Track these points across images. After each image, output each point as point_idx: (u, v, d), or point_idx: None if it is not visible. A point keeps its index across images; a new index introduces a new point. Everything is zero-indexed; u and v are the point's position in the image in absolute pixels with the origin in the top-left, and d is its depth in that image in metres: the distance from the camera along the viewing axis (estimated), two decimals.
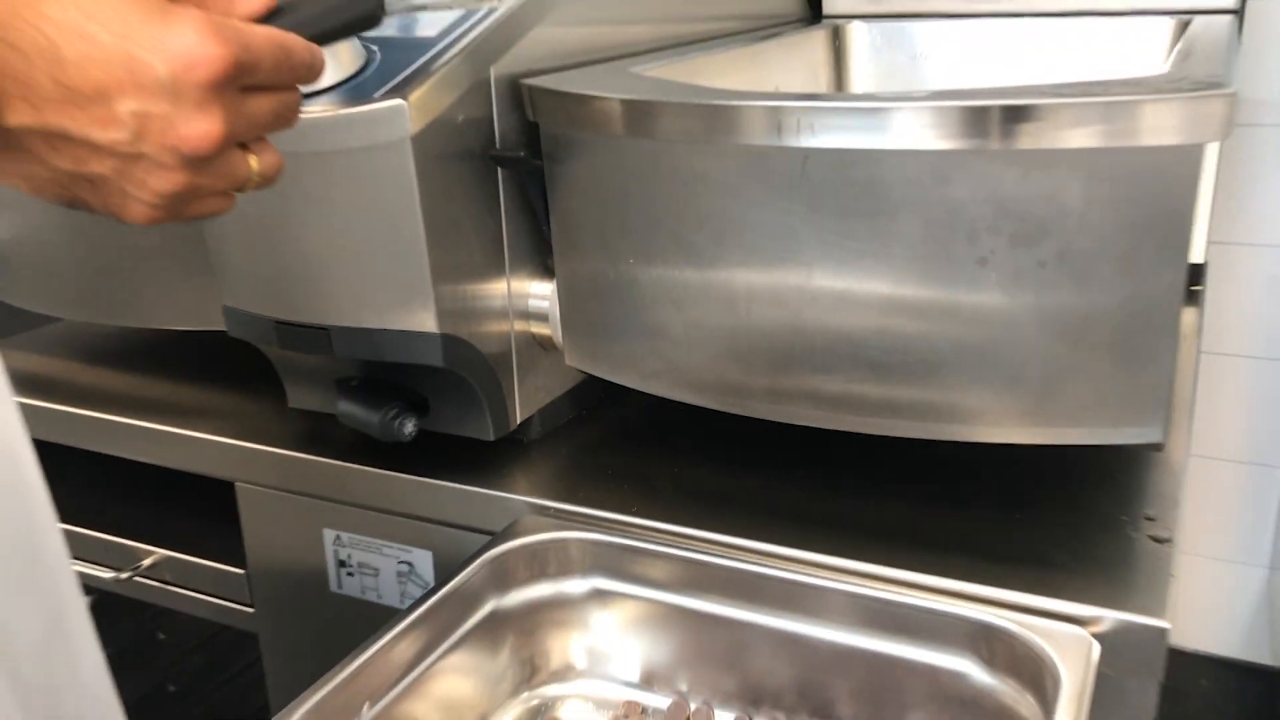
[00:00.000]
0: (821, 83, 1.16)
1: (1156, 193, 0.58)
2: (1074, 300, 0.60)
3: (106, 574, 0.97)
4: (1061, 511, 0.72)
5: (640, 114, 0.64)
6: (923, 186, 0.60)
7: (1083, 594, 0.63)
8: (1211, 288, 1.54)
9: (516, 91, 0.74)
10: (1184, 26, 1.04)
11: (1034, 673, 0.59)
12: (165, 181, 0.47)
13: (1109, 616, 0.61)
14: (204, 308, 0.88)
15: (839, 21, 1.19)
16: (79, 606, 0.66)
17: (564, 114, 0.69)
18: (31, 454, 0.64)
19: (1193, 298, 1.14)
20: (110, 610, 1.17)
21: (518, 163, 0.72)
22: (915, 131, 0.58)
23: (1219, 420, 1.61)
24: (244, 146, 0.49)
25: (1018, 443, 0.65)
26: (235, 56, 0.45)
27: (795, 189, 0.62)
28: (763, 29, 1.15)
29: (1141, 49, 1.04)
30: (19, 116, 0.44)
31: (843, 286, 0.64)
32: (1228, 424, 1.61)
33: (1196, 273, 1.17)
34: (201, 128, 0.46)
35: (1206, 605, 1.72)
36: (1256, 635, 1.70)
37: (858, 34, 1.18)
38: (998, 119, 0.57)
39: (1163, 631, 0.61)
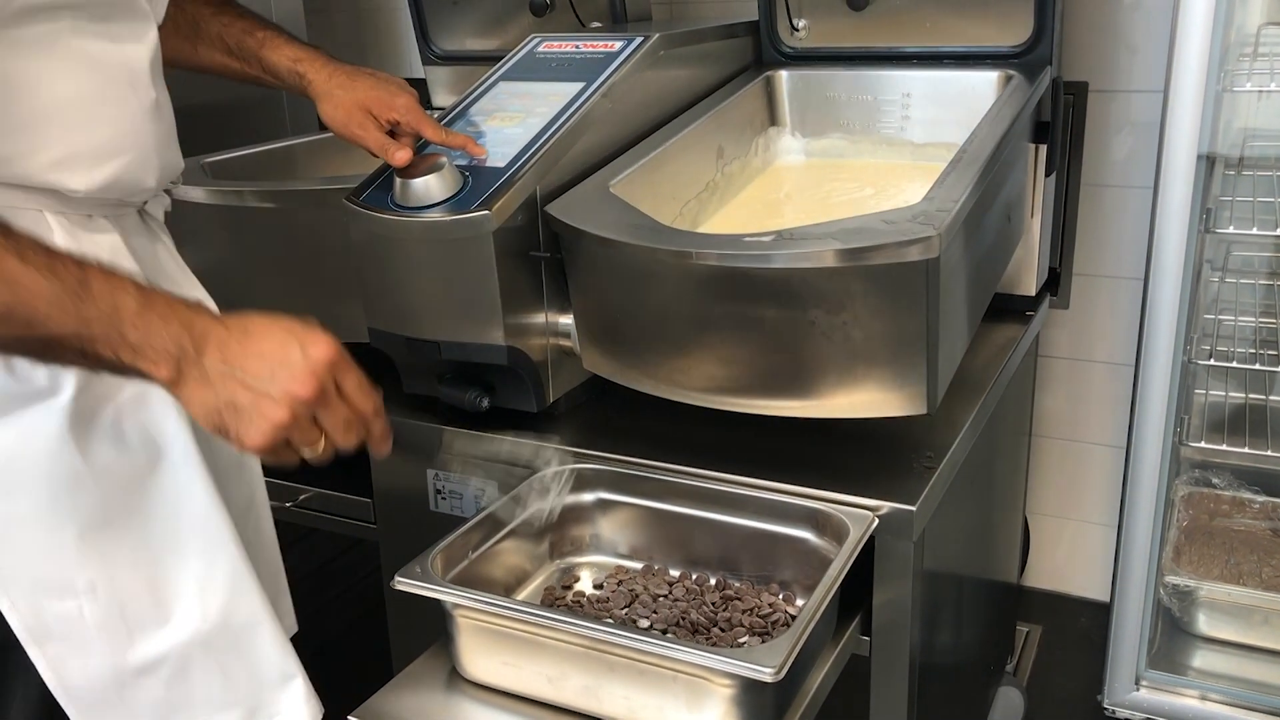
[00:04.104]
0: (758, 125, 1.59)
1: (901, 280, 1.03)
2: (866, 339, 1.06)
3: (275, 504, 1.44)
4: (878, 452, 1.19)
5: (608, 242, 1.12)
6: (774, 284, 1.06)
7: (875, 494, 1.10)
8: (1080, 311, 2.01)
9: (550, 199, 1.22)
10: (1007, 80, 1.49)
11: (841, 535, 1.06)
12: (276, 411, 0.77)
13: (886, 505, 1.08)
14: (341, 325, 1.36)
15: (770, 73, 1.63)
16: (263, 498, 1.16)
17: (568, 234, 1.17)
18: None
19: (1026, 319, 1.61)
20: None
21: (547, 258, 1.20)
22: (773, 259, 1.04)
23: (1091, 414, 2.06)
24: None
25: (846, 416, 1.12)
26: (339, 354, 0.80)
27: (691, 279, 1.09)
28: (723, 80, 1.60)
29: (974, 95, 1.49)
30: (212, 360, 0.77)
31: (730, 334, 1.10)
32: (1099, 416, 2.06)
33: (1031, 302, 1.64)
34: (307, 383, 0.78)
35: (1085, 559, 2.16)
36: None
37: (784, 81, 1.63)
38: (815, 255, 1.02)
39: (911, 513, 1.07)
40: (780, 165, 1.61)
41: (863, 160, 1.60)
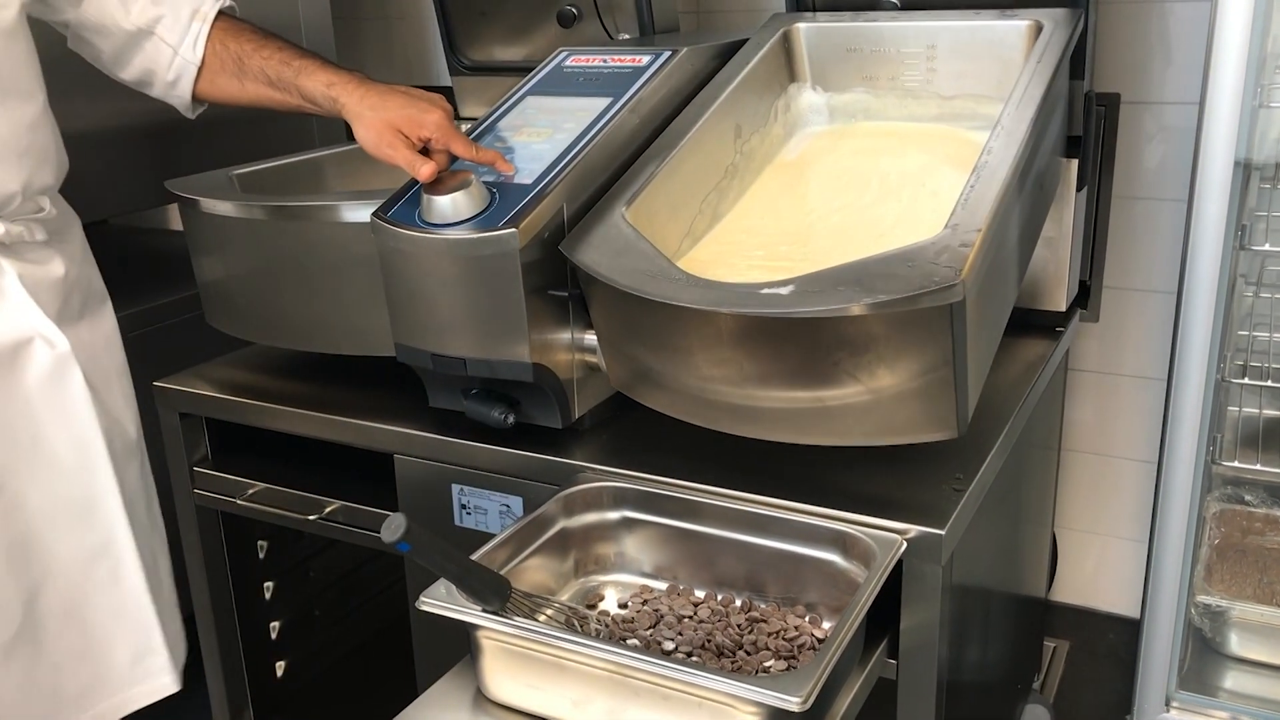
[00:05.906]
0: (777, 87, 1.54)
1: (925, 323, 1.01)
2: (891, 374, 1.04)
3: (301, 517, 1.45)
4: (906, 474, 1.17)
5: (624, 293, 1.10)
6: (797, 330, 1.04)
7: (904, 517, 1.08)
8: (1110, 324, 1.98)
9: (577, 217, 1.21)
10: (1037, 31, 1.41)
11: (868, 558, 1.05)
12: None
13: (914, 529, 1.07)
14: (367, 338, 1.37)
15: (787, 28, 1.56)
16: (125, 543, 1.13)
17: (584, 275, 1.16)
18: (100, 439, 1.11)
19: (1055, 335, 1.59)
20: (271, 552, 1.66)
21: (569, 295, 1.20)
22: (792, 308, 1.02)
23: (1120, 428, 2.03)
24: None
25: (874, 444, 1.10)
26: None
27: (709, 326, 1.08)
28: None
29: (1003, 45, 1.43)
30: None
31: (753, 372, 1.09)
32: (1128, 430, 2.03)
33: (1060, 318, 1.62)
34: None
35: (1114, 574, 2.13)
36: None
37: (802, 35, 1.56)
38: (835, 309, 1.00)
39: (940, 537, 1.06)
40: (792, 148, 1.52)
41: (888, 123, 1.52)
